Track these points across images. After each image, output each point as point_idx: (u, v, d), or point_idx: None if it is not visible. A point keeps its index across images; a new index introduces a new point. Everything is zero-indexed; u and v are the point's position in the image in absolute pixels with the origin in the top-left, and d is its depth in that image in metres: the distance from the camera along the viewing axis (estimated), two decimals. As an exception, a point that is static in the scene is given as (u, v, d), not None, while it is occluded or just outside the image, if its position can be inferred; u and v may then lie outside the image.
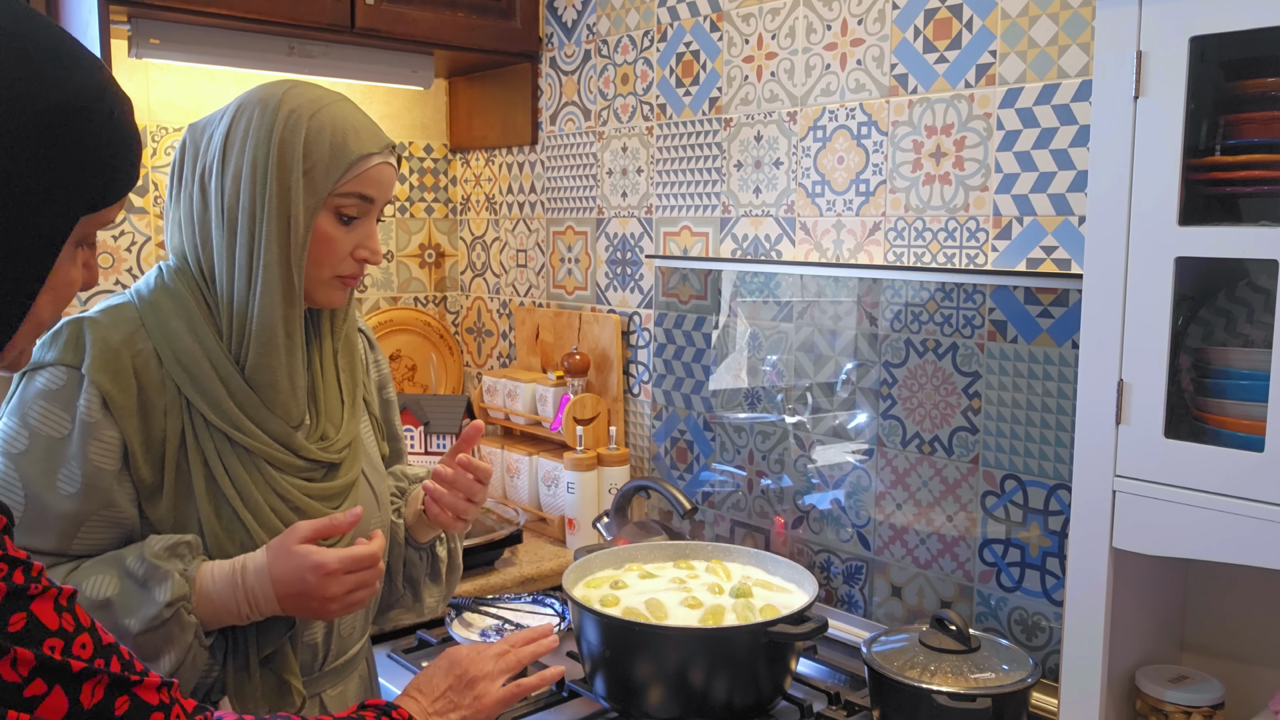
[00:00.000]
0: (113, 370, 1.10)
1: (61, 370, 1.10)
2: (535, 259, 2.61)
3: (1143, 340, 1.18)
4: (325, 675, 1.26)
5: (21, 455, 1.09)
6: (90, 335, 1.11)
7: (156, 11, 2.00)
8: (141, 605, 1.05)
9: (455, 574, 1.46)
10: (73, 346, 1.11)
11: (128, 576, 1.07)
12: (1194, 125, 1.16)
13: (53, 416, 1.09)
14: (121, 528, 1.12)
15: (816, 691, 1.63)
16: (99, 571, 1.07)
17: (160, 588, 1.06)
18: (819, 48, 1.90)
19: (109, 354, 1.11)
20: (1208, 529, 1.15)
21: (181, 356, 1.14)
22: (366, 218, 1.20)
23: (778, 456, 1.99)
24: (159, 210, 2.38)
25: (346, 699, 1.29)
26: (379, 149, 1.18)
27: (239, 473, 1.15)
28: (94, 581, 1.06)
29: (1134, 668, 1.36)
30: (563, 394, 2.32)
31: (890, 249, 1.81)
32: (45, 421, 1.09)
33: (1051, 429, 1.58)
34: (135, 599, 1.06)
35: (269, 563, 1.10)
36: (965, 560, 1.71)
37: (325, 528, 1.13)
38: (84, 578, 1.07)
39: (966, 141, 1.68)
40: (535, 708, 1.59)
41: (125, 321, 1.14)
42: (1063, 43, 1.55)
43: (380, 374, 1.45)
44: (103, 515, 1.10)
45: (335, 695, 1.27)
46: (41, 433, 1.09)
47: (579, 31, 2.42)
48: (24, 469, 1.08)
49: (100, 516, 1.10)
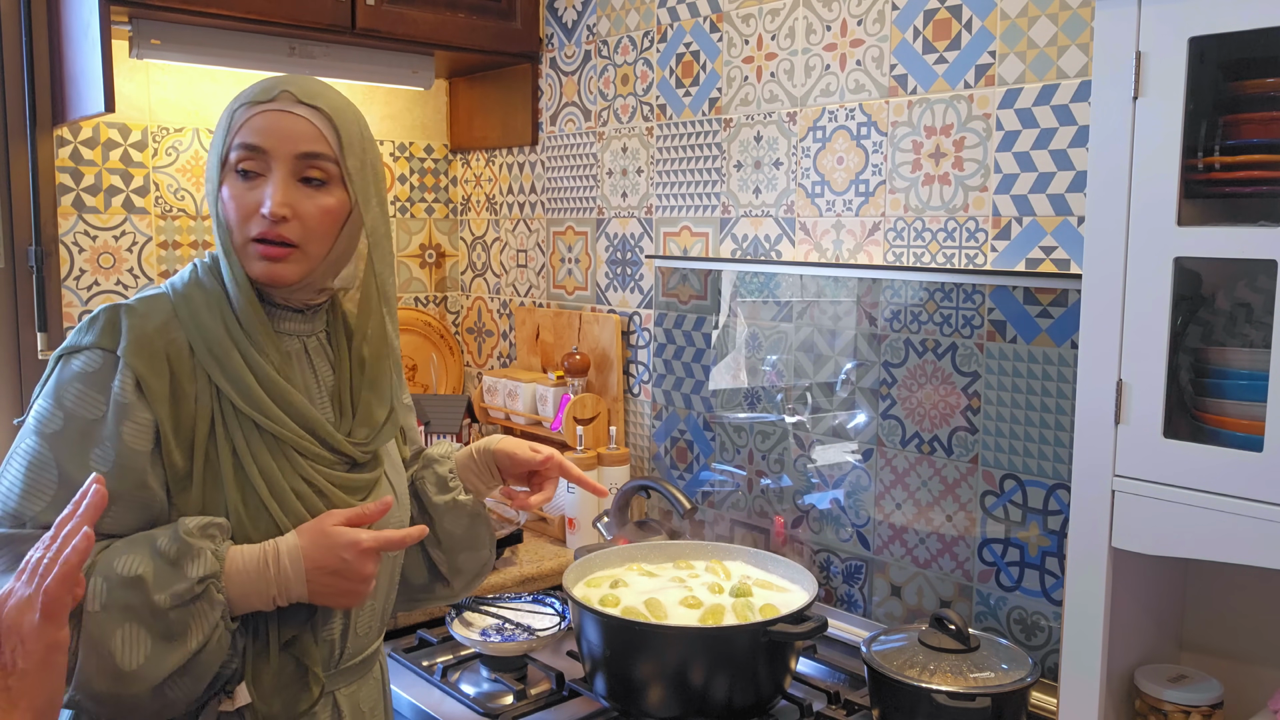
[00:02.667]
0: (147, 355, 1.13)
1: (98, 354, 1.13)
2: (535, 259, 2.61)
3: (1142, 340, 1.18)
4: (341, 673, 1.27)
5: (56, 435, 1.11)
6: (127, 321, 1.14)
7: (157, 12, 2.01)
8: (173, 580, 1.07)
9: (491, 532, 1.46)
10: (109, 331, 1.14)
11: (158, 555, 1.08)
12: (1193, 126, 1.16)
13: (88, 399, 1.12)
14: (150, 510, 1.14)
15: (816, 691, 1.64)
16: (130, 551, 1.08)
17: (193, 564, 1.07)
18: (819, 48, 1.90)
19: (144, 339, 1.14)
20: (1207, 529, 1.15)
21: (213, 346, 1.16)
22: (272, 173, 1.16)
23: (777, 456, 1.99)
24: (160, 210, 2.38)
25: (359, 699, 1.29)
26: (267, 98, 1.18)
27: (266, 460, 1.16)
28: (125, 560, 1.07)
29: (1133, 667, 1.36)
30: (563, 394, 2.33)
31: (890, 249, 1.81)
32: (81, 403, 1.12)
33: (1051, 429, 1.58)
34: (167, 575, 1.07)
35: (303, 544, 1.12)
36: (965, 560, 1.71)
37: (356, 516, 1.15)
38: (115, 556, 1.08)
39: (966, 142, 1.69)
40: (535, 707, 1.60)
41: (159, 311, 1.17)
42: (1062, 43, 1.56)
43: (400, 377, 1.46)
44: (134, 496, 1.12)
45: (348, 694, 1.27)
46: (77, 414, 1.11)
47: (579, 32, 2.42)
48: (58, 449, 1.10)
49: (132, 497, 1.12)
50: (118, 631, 1.05)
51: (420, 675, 1.73)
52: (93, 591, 1.05)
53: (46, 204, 2.22)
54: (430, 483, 1.40)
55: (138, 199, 2.35)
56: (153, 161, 2.37)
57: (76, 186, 2.27)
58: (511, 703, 1.62)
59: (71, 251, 2.28)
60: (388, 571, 1.31)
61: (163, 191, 2.38)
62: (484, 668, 1.74)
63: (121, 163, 2.33)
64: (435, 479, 1.40)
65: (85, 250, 2.29)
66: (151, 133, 2.36)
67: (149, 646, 1.05)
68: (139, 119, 2.34)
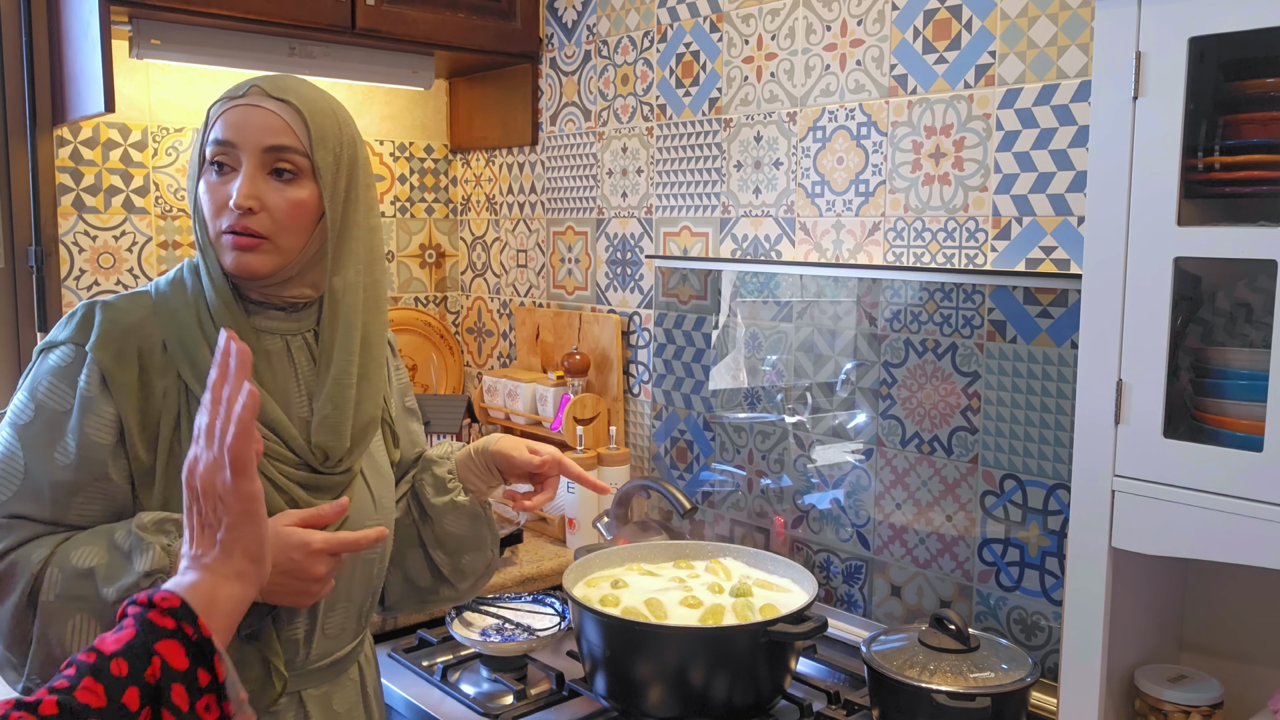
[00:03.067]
0: (116, 350, 1.15)
1: (70, 348, 1.16)
2: (535, 259, 2.61)
3: (1142, 340, 1.18)
4: (309, 674, 1.26)
5: (26, 427, 1.14)
6: (100, 316, 1.17)
7: (157, 12, 2.00)
8: (121, 574, 1.08)
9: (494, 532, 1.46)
10: (83, 327, 1.17)
11: (114, 548, 1.10)
12: (1193, 126, 1.16)
13: (58, 391, 1.15)
14: (115, 501, 1.16)
15: (816, 691, 1.64)
16: (89, 543, 1.10)
17: (141, 558, 1.08)
18: (819, 48, 1.90)
19: (114, 335, 1.16)
20: (1207, 529, 1.15)
21: (186, 342, 1.18)
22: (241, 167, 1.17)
23: (778, 456, 1.99)
24: (160, 210, 2.38)
25: (332, 701, 1.28)
26: (239, 94, 1.19)
27: None
28: (82, 552, 1.09)
29: (1133, 667, 1.36)
30: (563, 394, 2.33)
31: (890, 249, 1.81)
32: (51, 396, 1.15)
33: (1051, 429, 1.58)
34: (117, 568, 1.09)
35: None
36: (964, 560, 1.71)
37: (311, 517, 1.15)
38: (74, 548, 1.10)
39: (966, 142, 1.69)
40: (535, 707, 1.60)
41: (138, 308, 1.20)
42: (1062, 43, 1.56)
43: (401, 382, 1.45)
44: (97, 487, 1.14)
45: (318, 696, 1.26)
46: (47, 406, 1.14)
47: (579, 32, 2.42)
48: (26, 439, 1.14)
49: (94, 488, 1.14)
50: (69, 622, 1.07)
51: (420, 675, 1.73)
52: (48, 582, 1.08)
53: (46, 204, 2.22)
54: (429, 484, 1.40)
55: (138, 199, 2.35)
56: (153, 161, 2.37)
57: (76, 186, 2.27)
58: (511, 703, 1.62)
59: (71, 251, 2.28)
60: (361, 573, 1.30)
61: (163, 191, 2.38)
62: (484, 668, 1.74)
63: (121, 163, 2.33)
64: (434, 480, 1.40)
65: (85, 250, 2.29)
66: (151, 133, 2.36)
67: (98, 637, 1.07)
68: (139, 119, 2.35)
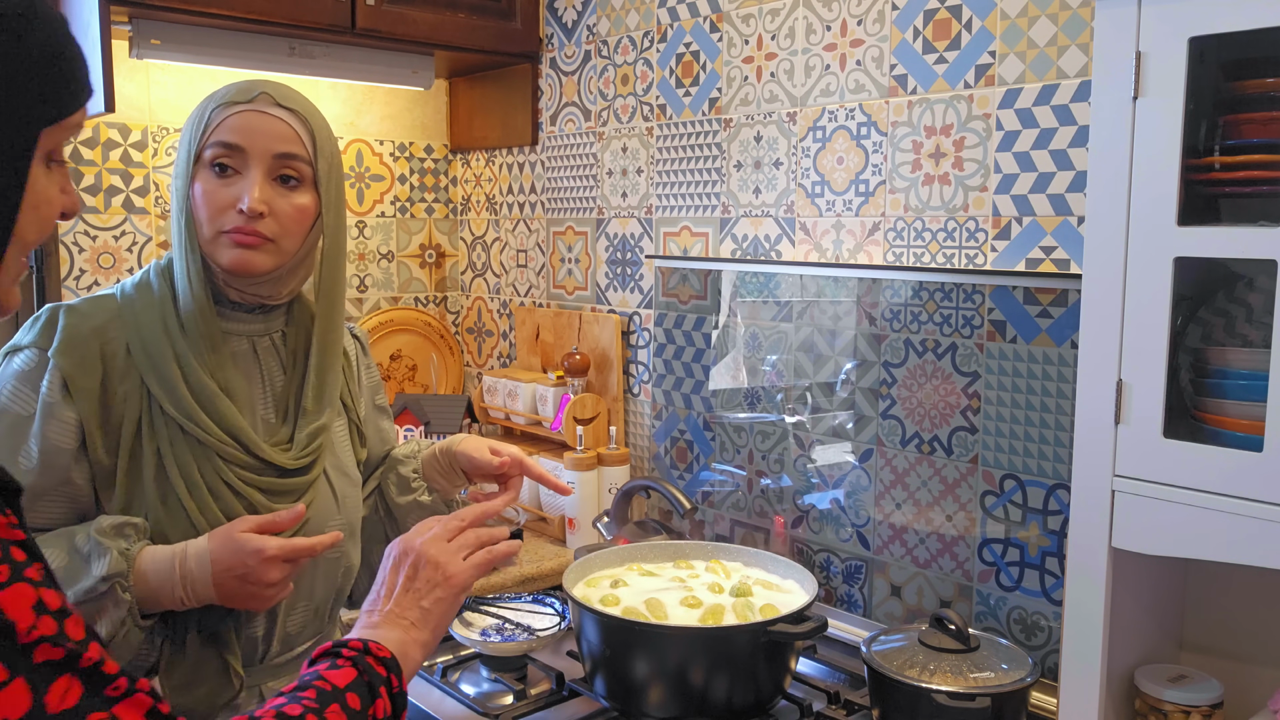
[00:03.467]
0: (78, 355, 1.16)
1: (33, 353, 1.17)
2: (535, 259, 2.61)
3: (1142, 340, 1.18)
4: (269, 669, 1.28)
5: None
6: (64, 321, 1.18)
7: (157, 12, 2.01)
8: (79, 578, 1.09)
9: None
10: (46, 330, 1.17)
11: (75, 552, 1.11)
12: (1193, 126, 1.16)
13: (22, 395, 1.15)
14: (77, 503, 1.17)
15: (816, 691, 1.64)
16: (51, 545, 1.11)
17: (99, 562, 1.10)
18: (819, 48, 1.90)
19: (76, 339, 1.17)
20: (1207, 529, 1.15)
21: (149, 346, 1.19)
22: (249, 170, 1.19)
23: (777, 456, 1.99)
24: (160, 210, 2.38)
25: None
26: (245, 99, 1.21)
27: (188, 463, 1.18)
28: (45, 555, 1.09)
29: (1133, 667, 1.36)
30: (563, 394, 2.33)
31: (890, 249, 1.81)
32: (15, 400, 1.15)
33: (1051, 429, 1.58)
34: (76, 572, 1.10)
35: (211, 547, 1.14)
36: (964, 560, 1.71)
37: (267, 523, 1.17)
38: None
39: (966, 142, 1.69)
40: (535, 707, 1.60)
41: (102, 311, 1.20)
42: (1062, 43, 1.56)
43: (371, 380, 1.46)
44: (60, 491, 1.16)
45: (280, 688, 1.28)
46: (10, 410, 1.15)
47: (579, 32, 2.42)
48: None
49: (58, 492, 1.16)
50: None
51: (420, 675, 1.73)
52: None
53: (46, 204, 2.22)
54: (393, 483, 1.41)
55: (137, 199, 2.35)
56: (152, 161, 2.37)
57: (76, 186, 2.27)
58: (511, 703, 1.62)
59: (71, 251, 2.28)
60: (323, 572, 1.30)
61: (162, 191, 2.38)
62: (484, 668, 1.74)
63: (121, 163, 2.33)
64: (398, 480, 1.41)
65: (85, 250, 2.29)
66: (151, 133, 2.36)
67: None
68: (139, 119, 2.35)
